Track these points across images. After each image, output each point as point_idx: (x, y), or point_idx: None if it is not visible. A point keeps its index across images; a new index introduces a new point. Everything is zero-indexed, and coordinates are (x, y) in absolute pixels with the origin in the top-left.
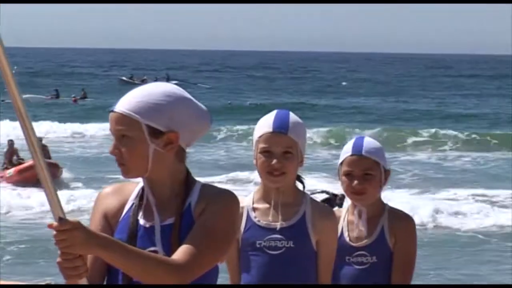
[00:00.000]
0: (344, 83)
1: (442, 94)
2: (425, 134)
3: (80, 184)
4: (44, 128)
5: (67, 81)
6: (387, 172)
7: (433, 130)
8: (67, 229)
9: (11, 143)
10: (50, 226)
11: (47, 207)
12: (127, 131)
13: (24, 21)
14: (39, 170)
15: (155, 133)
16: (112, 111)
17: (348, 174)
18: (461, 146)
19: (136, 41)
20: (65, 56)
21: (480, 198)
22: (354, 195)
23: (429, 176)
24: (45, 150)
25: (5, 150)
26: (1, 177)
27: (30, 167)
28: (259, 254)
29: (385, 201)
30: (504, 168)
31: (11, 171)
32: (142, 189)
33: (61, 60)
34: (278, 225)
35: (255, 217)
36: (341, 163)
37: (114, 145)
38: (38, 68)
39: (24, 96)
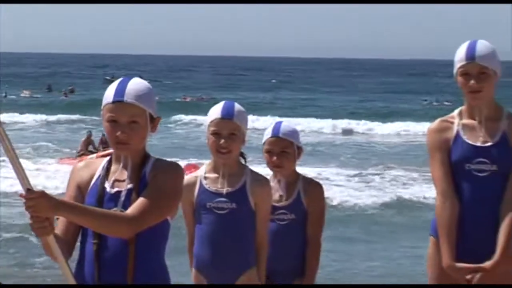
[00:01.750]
0: (273, 80)
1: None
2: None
3: None
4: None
5: (58, 79)
6: (300, 150)
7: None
8: (34, 197)
9: (89, 133)
10: (21, 195)
11: None
12: (138, 118)
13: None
14: (6, 151)
15: (152, 119)
16: (122, 101)
17: (268, 152)
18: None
19: (115, 48)
20: (54, 60)
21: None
22: (274, 167)
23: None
24: (91, 141)
25: (82, 139)
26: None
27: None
28: (209, 213)
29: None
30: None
31: (93, 156)
32: (108, 163)
33: (51, 63)
34: (224, 190)
35: (206, 184)
36: (264, 143)
37: (122, 129)
38: (32, 69)
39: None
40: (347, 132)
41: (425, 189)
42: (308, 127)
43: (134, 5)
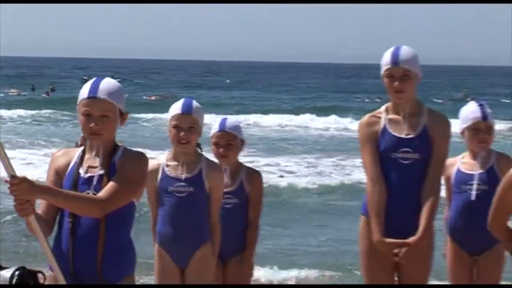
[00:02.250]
0: (228, 81)
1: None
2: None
3: None
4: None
5: (40, 80)
6: (242, 142)
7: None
8: (17, 183)
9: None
10: (6, 181)
11: None
12: (109, 112)
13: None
14: None
15: (121, 114)
16: (95, 98)
17: (216, 144)
18: None
19: (91, 52)
20: (37, 63)
21: None
22: (220, 158)
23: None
24: None
25: (82, 134)
26: None
27: None
28: (170, 196)
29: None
30: None
31: None
32: (82, 151)
33: (35, 65)
34: (183, 176)
35: (168, 171)
36: (211, 136)
37: (95, 121)
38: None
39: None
40: (289, 126)
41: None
42: (255, 122)
43: (111, 11)
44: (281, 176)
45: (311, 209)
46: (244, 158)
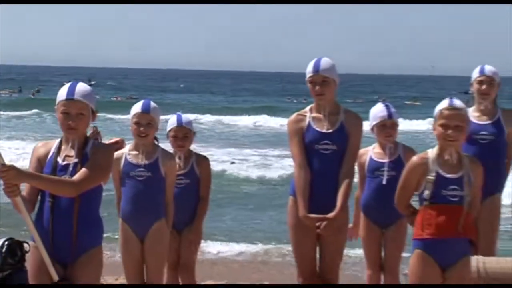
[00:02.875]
0: (182, 85)
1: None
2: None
3: None
4: None
5: (26, 84)
6: (194, 134)
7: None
8: (6, 170)
9: (95, 128)
10: None
11: None
12: (84, 111)
13: None
14: None
15: (92, 112)
16: (72, 99)
17: (174, 137)
18: None
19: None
20: (27, 70)
21: None
22: (177, 148)
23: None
24: (98, 134)
25: (90, 132)
26: None
27: (116, 142)
28: (131, 179)
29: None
30: None
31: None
32: (59, 143)
33: (24, 72)
34: (142, 163)
35: (130, 159)
36: (170, 130)
37: (72, 119)
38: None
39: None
40: (227, 122)
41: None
42: (203, 120)
43: (84, 21)
44: (233, 163)
45: (254, 193)
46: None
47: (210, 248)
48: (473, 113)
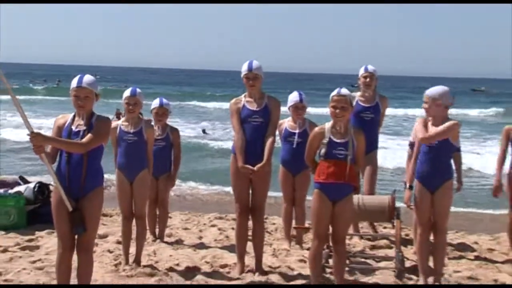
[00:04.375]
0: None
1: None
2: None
3: None
4: None
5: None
6: (169, 113)
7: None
8: (34, 135)
9: (118, 110)
10: (27, 134)
11: None
12: (89, 94)
13: None
14: (15, 103)
15: (96, 95)
16: (81, 86)
17: (156, 113)
18: None
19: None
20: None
21: None
22: (157, 121)
23: None
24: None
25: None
26: None
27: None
28: (124, 142)
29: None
30: None
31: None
32: (73, 116)
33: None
34: (131, 131)
35: (122, 127)
36: (153, 109)
37: (81, 100)
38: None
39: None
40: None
41: None
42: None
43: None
44: (204, 131)
45: (217, 151)
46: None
47: (186, 187)
48: (359, 98)
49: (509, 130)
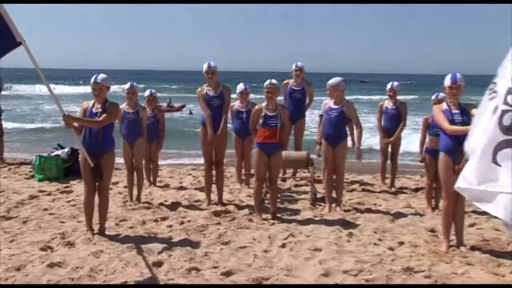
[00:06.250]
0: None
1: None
2: None
3: None
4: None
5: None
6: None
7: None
8: (66, 116)
9: (169, 100)
10: (61, 116)
11: None
12: (102, 87)
13: None
14: (48, 89)
15: (107, 88)
16: (96, 82)
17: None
18: None
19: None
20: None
21: None
22: (148, 106)
23: None
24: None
25: (164, 104)
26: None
27: (183, 106)
28: (126, 119)
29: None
30: None
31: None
32: (93, 103)
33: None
34: (131, 111)
35: (125, 109)
36: (146, 97)
37: (97, 91)
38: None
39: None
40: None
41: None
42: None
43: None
44: (190, 112)
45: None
46: None
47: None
48: (292, 84)
49: (427, 118)
